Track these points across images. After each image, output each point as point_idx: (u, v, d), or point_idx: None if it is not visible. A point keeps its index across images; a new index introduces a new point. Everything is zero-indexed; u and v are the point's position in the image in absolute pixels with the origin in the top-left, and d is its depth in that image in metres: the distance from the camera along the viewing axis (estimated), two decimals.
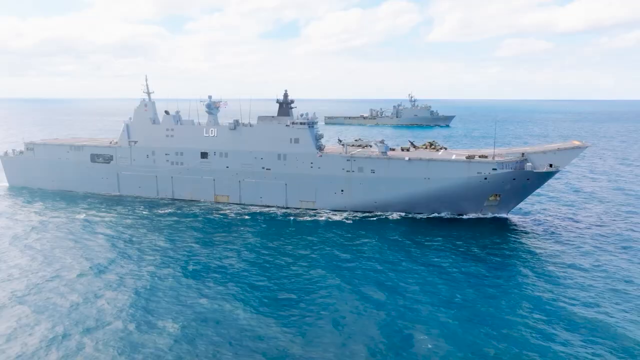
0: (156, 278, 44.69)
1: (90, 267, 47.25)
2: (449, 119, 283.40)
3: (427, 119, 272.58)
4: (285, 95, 74.18)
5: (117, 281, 43.94)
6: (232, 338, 34.12)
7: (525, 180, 63.28)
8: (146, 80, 78.35)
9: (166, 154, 76.50)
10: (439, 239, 57.31)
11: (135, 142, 78.10)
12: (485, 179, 63.00)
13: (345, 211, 68.65)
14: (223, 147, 73.52)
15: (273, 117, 72.94)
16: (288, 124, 70.65)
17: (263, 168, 71.89)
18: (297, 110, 74.93)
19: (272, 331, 35.07)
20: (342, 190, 69.01)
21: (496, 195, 64.95)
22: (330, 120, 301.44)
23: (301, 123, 70.03)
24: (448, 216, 66.56)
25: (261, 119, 73.10)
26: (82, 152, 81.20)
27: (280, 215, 68.01)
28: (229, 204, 73.89)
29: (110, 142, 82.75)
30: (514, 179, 62.92)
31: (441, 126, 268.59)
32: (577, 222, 64.66)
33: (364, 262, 49.68)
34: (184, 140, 75.61)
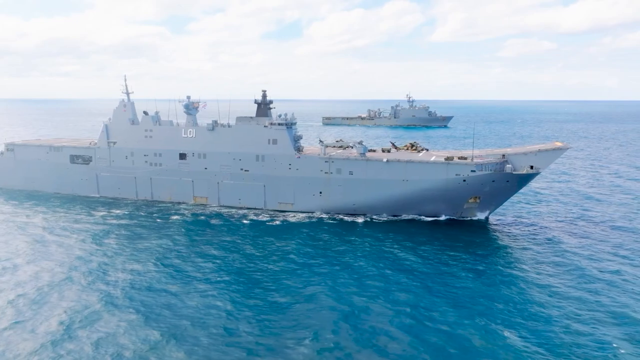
0: (64, 278, 44.64)
1: (3, 268, 47.13)
2: (447, 119, 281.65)
3: (425, 120, 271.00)
4: (264, 95, 73.16)
5: (25, 281, 43.94)
6: (104, 338, 33.84)
7: (505, 182, 61.99)
8: (125, 81, 77.62)
9: (145, 155, 75.55)
10: (371, 240, 56.73)
11: (114, 143, 77.23)
12: (464, 180, 61.74)
13: (323, 213, 67.54)
14: (201, 148, 72.52)
15: (251, 117, 71.92)
16: (266, 124, 69.61)
17: (241, 169, 70.85)
18: (298, 111, 74.10)
19: (148, 332, 34.72)
20: (320, 192, 67.87)
21: (476, 197, 63.70)
22: (328, 121, 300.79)
23: (279, 124, 68.93)
24: (424, 218, 65.43)
25: (239, 119, 72.10)
26: (61, 153, 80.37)
27: (238, 217, 67.07)
28: (182, 205, 73.22)
29: (90, 143, 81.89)
30: (493, 181, 61.66)
31: (439, 127, 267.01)
32: (551, 226, 63.36)
33: (274, 262, 49.27)
34: (162, 141, 74.62)
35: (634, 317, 36.91)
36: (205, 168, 72.60)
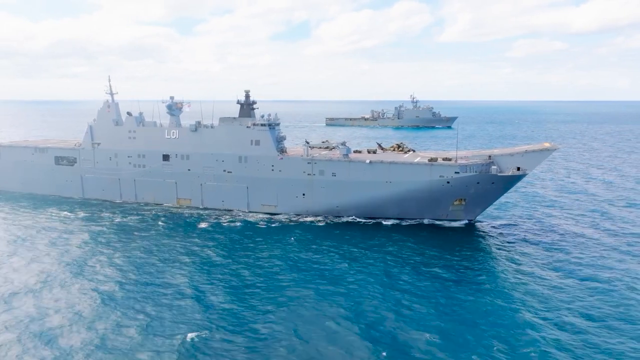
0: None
1: None
2: (451, 120, 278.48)
3: (429, 120, 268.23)
4: (247, 96, 71.93)
5: None
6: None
7: (490, 184, 60.17)
8: (109, 81, 76.83)
9: (129, 157, 74.68)
10: (308, 242, 56.18)
11: (99, 144, 76.46)
12: (448, 182, 60.01)
13: (307, 215, 66.19)
14: (184, 149, 71.49)
15: (234, 118, 70.75)
16: (249, 125, 68.40)
17: (224, 171, 69.73)
18: (304, 112, 73.21)
19: (45, 329, 35.06)
20: (303, 194, 66.52)
21: (461, 199, 61.95)
22: (331, 122, 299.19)
23: (262, 125, 67.70)
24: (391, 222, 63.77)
25: (222, 120, 70.94)
26: (46, 154, 79.78)
27: (196, 217, 66.85)
28: (152, 205, 73.10)
29: (75, 144, 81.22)
30: (478, 183, 59.87)
31: (443, 127, 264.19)
32: (540, 229, 61.40)
33: (194, 263, 49.18)
34: (146, 142, 73.70)
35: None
36: (189, 169, 71.57)
